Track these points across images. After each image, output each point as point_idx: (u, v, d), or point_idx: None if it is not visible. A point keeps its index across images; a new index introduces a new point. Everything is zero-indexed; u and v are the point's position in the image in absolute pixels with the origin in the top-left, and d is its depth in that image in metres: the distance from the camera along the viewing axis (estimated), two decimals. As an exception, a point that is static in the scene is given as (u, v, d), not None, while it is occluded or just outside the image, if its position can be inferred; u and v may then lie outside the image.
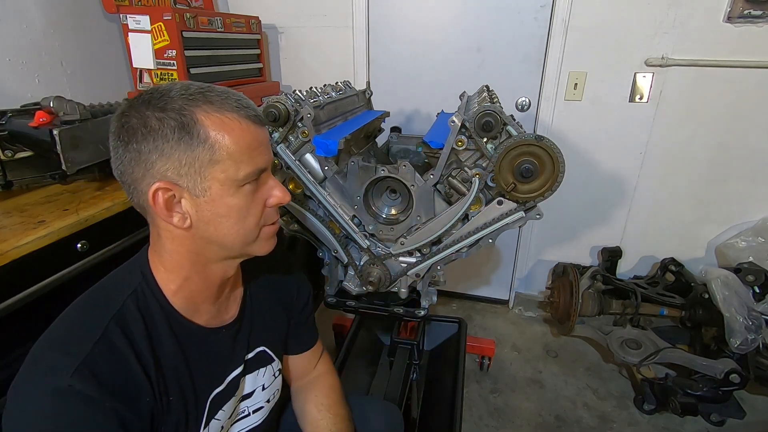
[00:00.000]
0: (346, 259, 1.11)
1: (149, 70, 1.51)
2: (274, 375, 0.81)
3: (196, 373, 0.64)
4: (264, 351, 0.79)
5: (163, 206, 0.55)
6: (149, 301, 0.60)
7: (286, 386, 0.90)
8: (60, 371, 0.50)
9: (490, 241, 1.00)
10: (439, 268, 1.08)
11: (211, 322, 0.68)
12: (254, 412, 0.79)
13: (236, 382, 0.72)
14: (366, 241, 1.08)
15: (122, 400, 0.52)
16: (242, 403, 0.76)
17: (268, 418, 0.82)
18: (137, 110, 0.54)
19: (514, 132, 0.89)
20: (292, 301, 0.86)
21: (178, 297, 0.62)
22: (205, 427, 0.66)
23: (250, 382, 0.77)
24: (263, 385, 0.79)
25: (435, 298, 1.15)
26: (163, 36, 1.45)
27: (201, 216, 0.57)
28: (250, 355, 0.75)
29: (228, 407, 0.71)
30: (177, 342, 0.62)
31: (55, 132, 0.82)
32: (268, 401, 0.81)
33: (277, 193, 0.62)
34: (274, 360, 0.81)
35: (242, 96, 0.59)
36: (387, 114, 1.49)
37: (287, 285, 0.85)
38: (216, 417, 0.68)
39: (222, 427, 0.70)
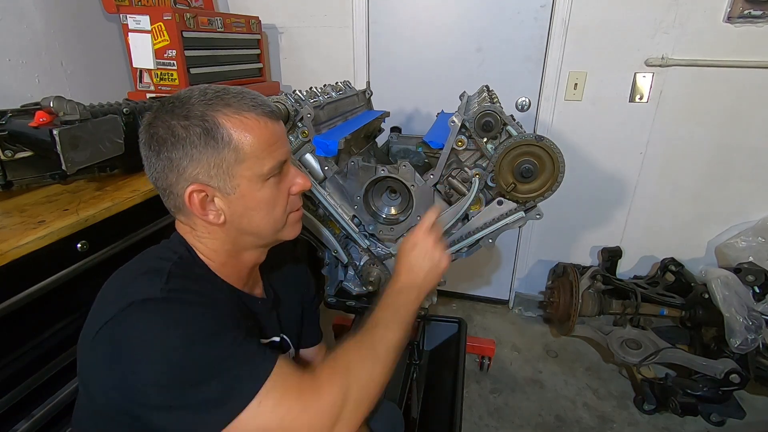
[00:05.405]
0: (346, 259, 1.11)
1: (149, 70, 1.51)
2: None
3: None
4: (283, 338, 0.81)
5: (198, 206, 0.60)
6: (194, 268, 0.63)
7: None
8: (151, 292, 0.53)
9: (490, 241, 1.00)
10: (439, 268, 1.08)
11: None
12: None
13: None
14: (366, 241, 1.08)
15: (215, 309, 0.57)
16: None
17: None
18: (162, 120, 0.57)
19: (514, 132, 0.89)
20: (304, 291, 0.89)
21: (216, 271, 0.66)
22: None
23: None
24: None
25: (435, 298, 1.15)
26: (163, 36, 1.45)
27: (233, 211, 0.61)
28: (270, 340, 0.78)
29: None
30: (226, 298, 0.65)
31: (55, 132, 0.82)
32: None
33: (299, 181, 0.67)
34: (290, 348, 0.84)
35: (257, 94, 0.63)
36: (387, 114, 1.49)
37: (300, 275, 0.89)
38: None
39: None
